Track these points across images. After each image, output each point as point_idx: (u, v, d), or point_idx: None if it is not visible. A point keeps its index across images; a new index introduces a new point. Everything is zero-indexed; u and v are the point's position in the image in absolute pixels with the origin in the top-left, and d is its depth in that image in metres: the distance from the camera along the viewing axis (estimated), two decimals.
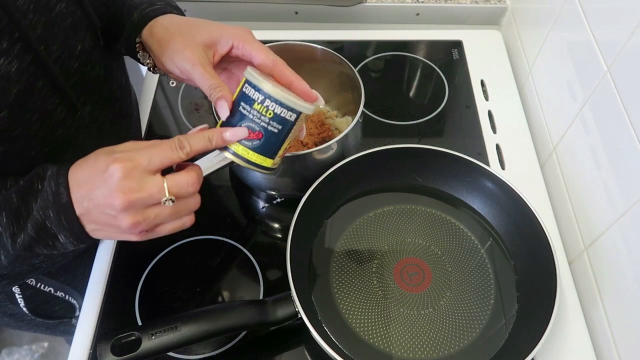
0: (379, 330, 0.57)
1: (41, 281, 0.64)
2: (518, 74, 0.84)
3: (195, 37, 0.50)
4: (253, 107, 0.46)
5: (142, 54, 0.55)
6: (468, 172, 0.65)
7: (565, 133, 0.66)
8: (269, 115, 0.46)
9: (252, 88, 0.46)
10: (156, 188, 0.42)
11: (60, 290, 0.67)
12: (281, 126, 0.47)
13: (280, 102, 0.46)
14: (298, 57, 0.66)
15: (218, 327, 0.51)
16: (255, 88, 0.46)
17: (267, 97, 0.45)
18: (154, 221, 0.43)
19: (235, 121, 0.47)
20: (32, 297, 0.64)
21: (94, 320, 0.59)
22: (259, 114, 0.46)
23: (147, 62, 0.56)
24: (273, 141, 0.48)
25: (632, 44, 0.51)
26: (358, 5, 0.90)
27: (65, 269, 0.66)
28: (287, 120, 0.47)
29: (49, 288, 0.65)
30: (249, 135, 0.46)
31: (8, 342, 1.39)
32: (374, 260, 0.62)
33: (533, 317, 0.55)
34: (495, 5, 0.91)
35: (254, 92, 0.46)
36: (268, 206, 0.70)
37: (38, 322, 0.69)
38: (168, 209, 0.43)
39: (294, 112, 0.47)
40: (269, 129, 0.47)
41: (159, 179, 0.42)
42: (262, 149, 0.48)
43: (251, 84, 0.46)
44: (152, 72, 0.57)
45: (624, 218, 0.53)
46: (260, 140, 0.47)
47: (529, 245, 0.60)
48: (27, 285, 0.62)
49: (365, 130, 0.74)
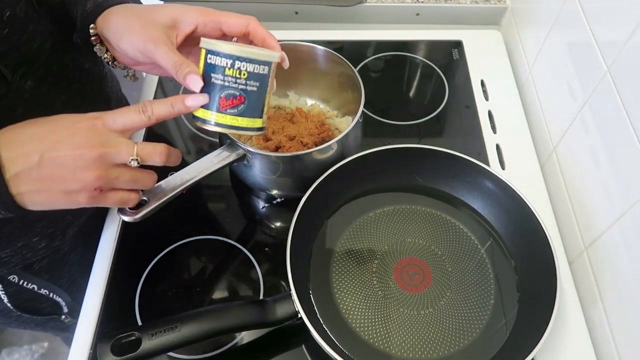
0: (379, 330, 0.57)
1: (24, 278, 0.63)
2: (518, 74, 0.84)
3: (155, 19, 0.49)
4: (225, 74, 0.46)
5: (99, 47, 0.53)
6: (468, 172, 0.65)
7: (565, 133, 0.66)
8: (244, 76, 0.46)
9: (216, 56, 0.45)
10: (126, 146, 0.44)
11: (44, 288, 0.67)
12: (259, 82, 0.47)
13: (251, 59, 0.45)
14: (298, 57, 0.66)
15: (218, 327, 0.51)
16: (220, 54, 0.45)
17: (236, 59, 0.45)
18: (113, 182, 0.45)
19: (212, 94, 0.46)
20: (15, 294, 0.64)
21: (94, 320, 0.59)
22: (233, 78, 0.46)
23: (105, 57, 0.54)
24: (256, 100, 0.47)
25: (632, 44, 0.51)
26: (358, 5, 0.90)
27: (49, 266, 0.65)
28: (263, 75, 0.47)
29: (32, 285, 0.65)
30: (232, 103, 0.46)
31: (8, 342, 1.39)
32: (374, 260, 0.62)
33: (533, 317, 0.55)
34: (495, 5, 0.91)
35: (220, 59, 0.45)
36: (268, 206, 0.70)
37: (26, 319, 0.69)
38: (128, 172, 0.45)
39: (266, 65, 0.47)
40: (248, 90, 0.46)
41: (128, 140, 0.44)
42: (249, 112, 0.47)
43: (214, 52, 0.45)
44: (112, 66, 0.55)
45: (624, 218, 0.53)
46: (244, 103, 0.47)
47: (529, 245, 0.60)
48: (9, 282, 0.62)
49: (365, 130, 0.74)
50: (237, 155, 0.59)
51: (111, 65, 0.55)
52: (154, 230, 0.66)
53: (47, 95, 0.54)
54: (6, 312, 0.66)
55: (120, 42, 0.50)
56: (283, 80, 0.66)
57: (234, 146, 0.59)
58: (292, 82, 0.73)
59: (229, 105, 0.47)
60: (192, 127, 0.78)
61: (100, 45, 0.53)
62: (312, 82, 0.73)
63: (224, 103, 0.47)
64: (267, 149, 0.64)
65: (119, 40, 0.50)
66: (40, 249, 0.62)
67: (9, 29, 0.48)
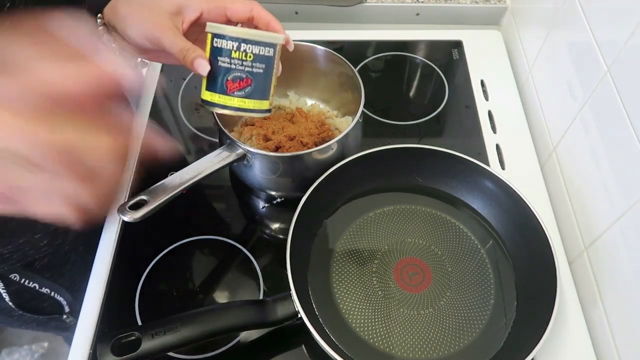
0: (379, 330, 0.57)
1: (25, 277, 0.63)
2: (518, 74, 0.84)
3: (160, 6, 0.49)
4: (232, 57, 0.46)
5: (107, 37, 0.54)
6: (468, 172, 0.65)
7: (565, 133, 0.66)
8: (250, 59, 0.46)
9: (222, 39, 0.46)
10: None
11: (45, 287, 0.67)
12: (264, 64, 0.48)
13: (256, 41, 0.46)
14: (298, 57, 0.66)
15: (218, 327, 0.51)
16: (226, 37, 0.46)
17: (242, 42, 0.46)
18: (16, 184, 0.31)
19: (219, 77, 0.47)
20: (17, 292, 0.64)
21: (94, 320, 0.59)
22: (240, 60, 0.46)
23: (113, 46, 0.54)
24: (262, 81, 0.48)
25: (632, 44, 0.51)
26: (358, 5, 0.90)
27: (50, 265, 0.66)
28: (268, 57, 0.48)
29: (34, 284, 0.65)
30: (239, 85, 0.47)
31: (8, 342, 1.39)
32: (374, 260, 0.62)
33: (533, 317, 0.55)
34: (495, 5, 0.91)
35: (226, 42, 0.46)
36: (268, 206, 0.70)
37: (28, 318, 0.69)
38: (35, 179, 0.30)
39: (271, 47, 0.47)
40: (254, 72, 0.47)
41: None
42: (256, 94, 0.48)
43: (219, 36, 0.46)
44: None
45: (624, 218, 0.53)
46: (251, 86, 0.48)
47: (529, 245, 0.60)
48: (10, 281, 0.62)
49: (365, 130, 0.74)
50: (237, 155, 0.59)
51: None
52: (154, 230, 0.66)
53: None
54: (8, 311, 0.66)
55: (128, 30, 0.50)
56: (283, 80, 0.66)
57: (234, 146, 0.59)
58: (292, 82, 0.73)
59: (236, 87, 0.47)
60: (192, 127, 0.78)
61: (108, 35, 0.54)
62: (312, 82, 0.73)
63: (231, 86, 0.48)
64: (267, 149, 0.64)
65: (126, 28, 0.50)
66: (42, 247, 0.62)
67: None
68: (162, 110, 0.80)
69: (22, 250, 0.60)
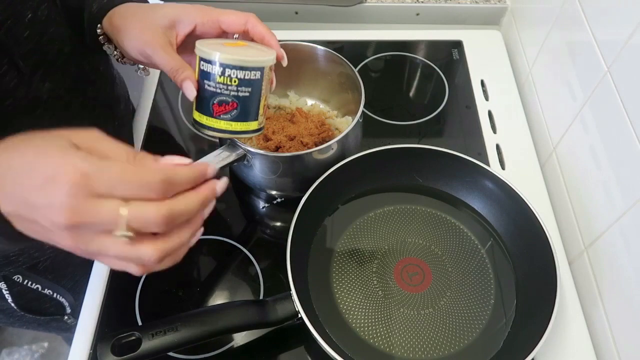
0: (379, 330, 0.57)
1: (28, 278, 0.63)
2: (518, 74, 0.84)
3: (153, 21, 0.49)
4: (217, 81, 0.46)
5: (107, 46, 0.54)
6: (468, 172, 0.65)
7: (565, 133, 0.66)
8: (235, 83, 0.46)
9: (207, 63, 0.46)
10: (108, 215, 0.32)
11: (48, 288, 0.67)
12: (251, 88, 0.47)
13: (240, 66, 0.45)
14: (298, 57, 0.66)
15: (218, 327, 0.51)
16: (211, 62, 0.46)
17: (225, 67, 0.45)
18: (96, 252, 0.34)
19: (206, 99, 0.47)
20: (20, 293, 0.64)
21: (94, 320, 0.59)
22: (224, 85, 0.46)
23: (114, 54, 0.55)
24: (249, 104, 0.48)
25: (632, 44, 0.51)
26: (358, 5, 0.90)
27: (53, 266, 0.66)
28: (254, 80, 0.47)
29: (37, 285, 0.65)
30: (225, 109, 0.46)
31: (8, 342, 1.39)
32: (374, 260, 0.62)
33: (533, 317, 0.55)
34: (495, 5, 0.91)
35: (211, 66, 0.46)
36: (268, 206, 0.70)
37: (29, 319, 0.69)
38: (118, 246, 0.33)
39: (257, 70, 0.47)
40: (240, 96, 0.47)
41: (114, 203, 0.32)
42: (243, 116, 0.48)
43: (205, 60, 0.46)
44: (121, 62, 0.56)
45: (624, 218, 0.53)
46: (236, 109, 0.47)
47: (529, 245, 0.60)
48: (13, 282, 0.62)
49: (365, 130, 0.73)
50: (237, 155, 0.58)
51: (120, 62, 0.56)
52: None
53: (65, 97, 0.54)
54: (9, 311, 0.66)
55: (123, 44, 0.50)
56: (283, 80, 0.66)
57: (234, 146, 0.59)
58: (292, 82, 0.73)
59: (222, 111, 0.47)
60: (192, 127, 0.78)
61: (108, 43, 0.54)
62: (312, 82, 0.73)
63: (217, 109, 0.47)
64: (267, 149, 0.64)
65: (121, 42, 0.51)
66: (48, 249, 0.62)
67: (30, 30, 0.48)
68: (162, 110, 0.80)
69: (28, 252, 0.60)
